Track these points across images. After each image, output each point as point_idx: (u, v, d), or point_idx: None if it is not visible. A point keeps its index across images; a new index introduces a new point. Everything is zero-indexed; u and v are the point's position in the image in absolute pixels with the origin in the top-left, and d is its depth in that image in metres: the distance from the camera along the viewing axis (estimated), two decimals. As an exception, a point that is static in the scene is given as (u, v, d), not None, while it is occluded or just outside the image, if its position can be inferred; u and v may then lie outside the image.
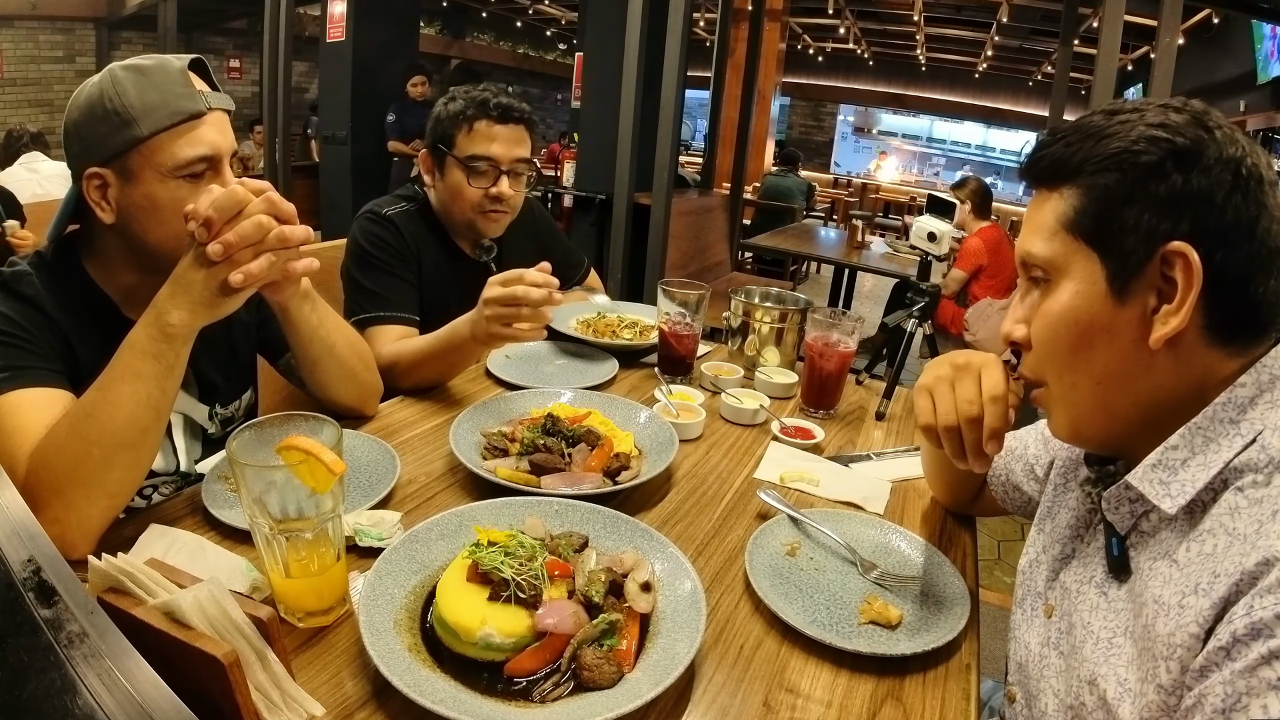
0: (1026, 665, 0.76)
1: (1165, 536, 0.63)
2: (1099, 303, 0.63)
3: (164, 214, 0.93)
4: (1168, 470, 0.62)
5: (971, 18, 9.76)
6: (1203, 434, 0.61)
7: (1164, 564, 0.61)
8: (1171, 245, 0.59)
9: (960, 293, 3.85)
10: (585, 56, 4.43)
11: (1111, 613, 0.65)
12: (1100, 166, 0.62)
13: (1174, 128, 0.60)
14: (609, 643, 0.71)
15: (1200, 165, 0.58)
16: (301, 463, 0.69)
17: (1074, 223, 0.64)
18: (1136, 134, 0.60)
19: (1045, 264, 0.66)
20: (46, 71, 8.25)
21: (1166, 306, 0.60)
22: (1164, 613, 0.58)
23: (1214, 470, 0.59)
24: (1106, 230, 0.62)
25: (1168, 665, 0.55)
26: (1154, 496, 0.62)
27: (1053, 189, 0.66)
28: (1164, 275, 0.60)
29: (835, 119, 15.80)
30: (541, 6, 12.29)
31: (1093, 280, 0.63)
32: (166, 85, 0.92)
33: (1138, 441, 0.66)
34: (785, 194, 6.66)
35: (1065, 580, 0.74)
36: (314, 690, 0.65)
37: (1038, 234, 0.66)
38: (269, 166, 5.88)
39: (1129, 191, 0.60)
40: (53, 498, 0.79)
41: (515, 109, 1.49)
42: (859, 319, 1.37)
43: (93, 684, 0.40)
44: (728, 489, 1.09)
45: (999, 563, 2.81)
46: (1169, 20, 2.79)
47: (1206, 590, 0.54)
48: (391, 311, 1.40)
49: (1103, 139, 0.62)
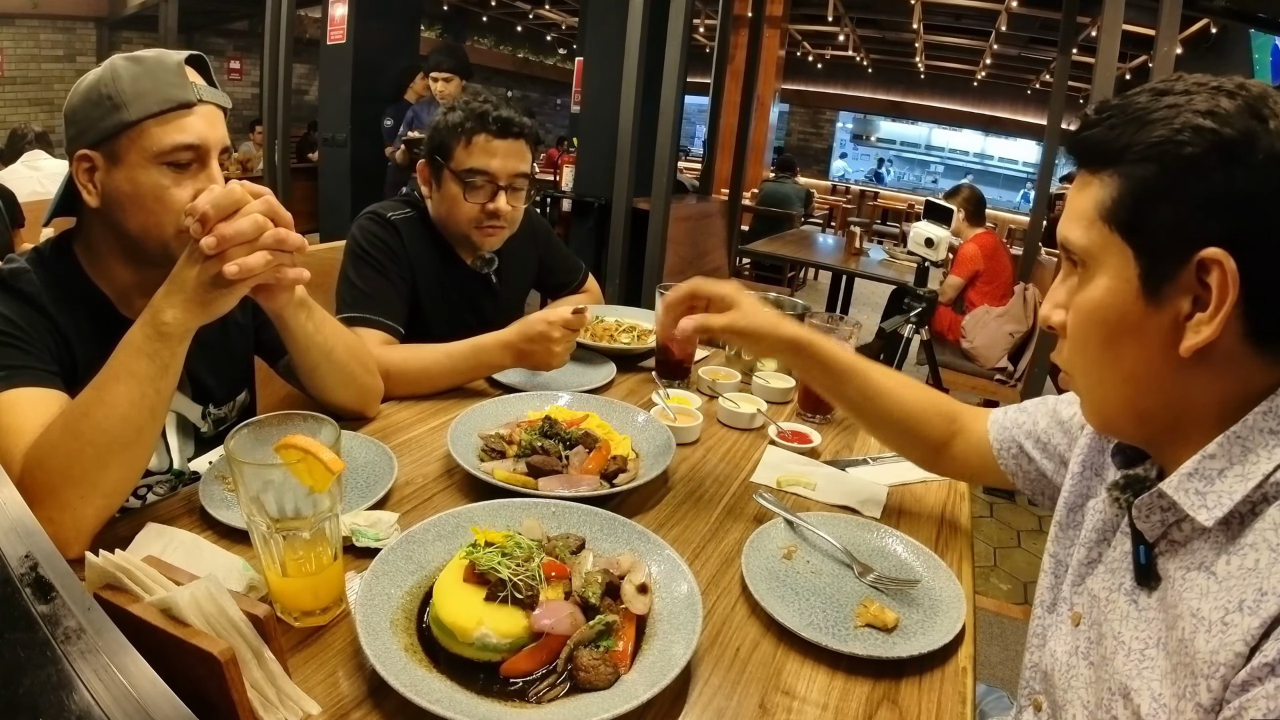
0: (1053, 674, 0.73)
1: (1199, 547, 0.59)
2: (1130, 302, 0.59)
3: (145, 200, 0.93)
4: (1204, 480, 0.58)
5: (971, 26, 9.81)
6: (1241, 443, 0.57)
7: (1200, 576, 0.58)
8: (1208, 251, 0.54)
9: (957, 299, 3.86)
10: (585, 61, 4.44)
11: (1143, 622, 0.62)
12: (1140, 156, 0.57)
13: (1223, 116, 0.54)
14: (605, 644, 0.71)
15: (1247, 161, 0.53)
16: (300, 461, 0.69)
17: (1111, 213, 0.59)
18: (1181, 121, 0.55)
19: (1082, 253, 0.62)
20: (47, 70, 8.25)
21: (1200, 314, 0.56)
22: (1204, 628, 0.55)
23: (1253, 482, 0.56)
24: (1142, 226, 0.58)
25: (1209, 684, 0.53)
26: (1189, 507, 0.58)
27: (1094, 173, 0.61)
28: (1200, 281, 0.55)
29: (834, 126, 15.85)
30: (542, 11, 12.33)
31: (1126, 277, 0.59)
32: (160, 74, 0.93)
33: (1168, 441, 0.64)
34: (783, 200, 6.68)
35: (1092, 587, 0.71)
36: (310, 689, 0.65)
37: (1077, 220, 0.62)
38: (268, 168, 5.88)
39: (1168, 186, 0.56)
40: (47, 497, 0.79)
41: (515, 123, 1.44)
42: (856, 324, 1.37)
43: (89, 680, 0.40)
44: (725, 492, 1.09)
45: (995, 569, 2.81)
46: (1167, 30, 2.80)
47: (1253, 608, 0.52)
48: (377, 315, 1.38)
49: (1146, 124, 0.57)
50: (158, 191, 0.92)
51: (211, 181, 0.95)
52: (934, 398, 1.02)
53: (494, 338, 1.34)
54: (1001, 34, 9.24)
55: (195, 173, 0.95)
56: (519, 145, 1.46)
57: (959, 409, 1.02)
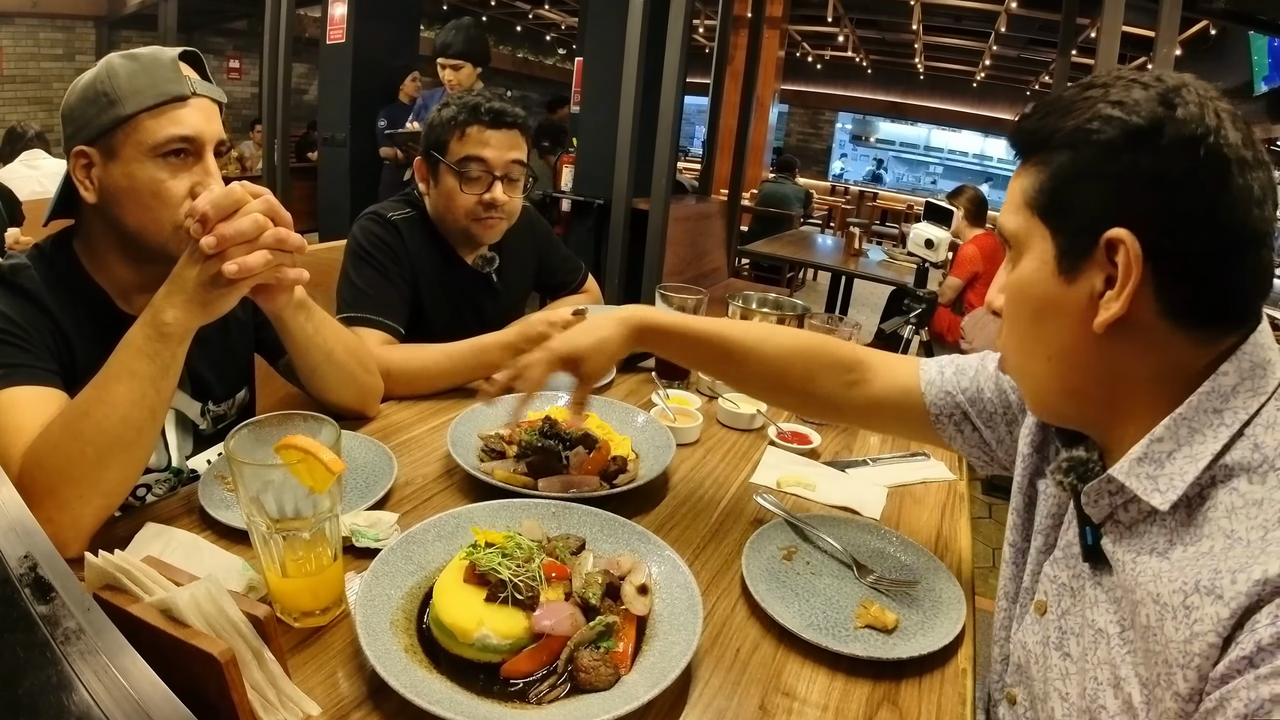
0: (1027, 666, 0.73)
1: (1146, 530, 0.61)
2: (1048, 280, 0.63)
3: (141, 194, 0.93)
4: (1154, 464, 0.60)
5: (970, 27, 9.81)
6: (1187, 424, 0.59)
7: (1153, 559, 0.59)
8: (1114, 231, 0.57)
9: (956, 300, 3.86)
10: (585, 62, 4.44)
11: (1112, 604, 0.64)
12: (1059, 143, 0.61)
13: (1131, 105, 0.57)
14: (606, 645, 0.71)
15: (1153, 145, 0.56)
16: (300, 461, 0.69)
17: (1033, 199, 0.63)
18: (1094, 110, 0.59)
19: (1011, 238, 0.67)
20: (46, 69, 8.24)
21: (1110, 292, 0.59)
22: (1170, 615, 0.56)
23: (1202, 463, 0.58)
24: (1057, 209, 0.62)
25: (1184, 674, 0.54)
26: (1143, 492, 0.60)
27: (1025, 163, 0.65)
28: (1110, 260, 0.59)
29: (833, 127, 15.85)
30: (541, 11, 12.32)
31: (1045, 259, 0.63)
32: (155, 70, 0.93)
33: (1107, 421, 0.66)
34: (783, 201, 6.69)
35: (1054, 574, 0.72)
36: (310, 690, 0.65)
37: (1010, 207, 0.67)
38: (267, 168, 5.87)
39: (1081, 170, 0.60)
40: (46, 497, 0.79)
41: (508, 113, 1.46)
42: (856, 325, 1.37)
43: (89, 681, 0.40)
44: (725, 493, 1.09)
45: (994, 570, 2.81)
46: (1166, 31, 2.81)
47: (1215, 592, 0.53)
48: (377, 316, 1.38)
49: (1068, 114, 0.61)
50: (154, 185, 0.92)
51: (208, 175, 0.95)
52: (810, 345, 0.99)
53: (494, 338, 1.35)
54: (1001, 35, 9.24)
55: (191, 165, 0.95)
56: (513, 135, 1.47)
57: (860, 355, 0.98)
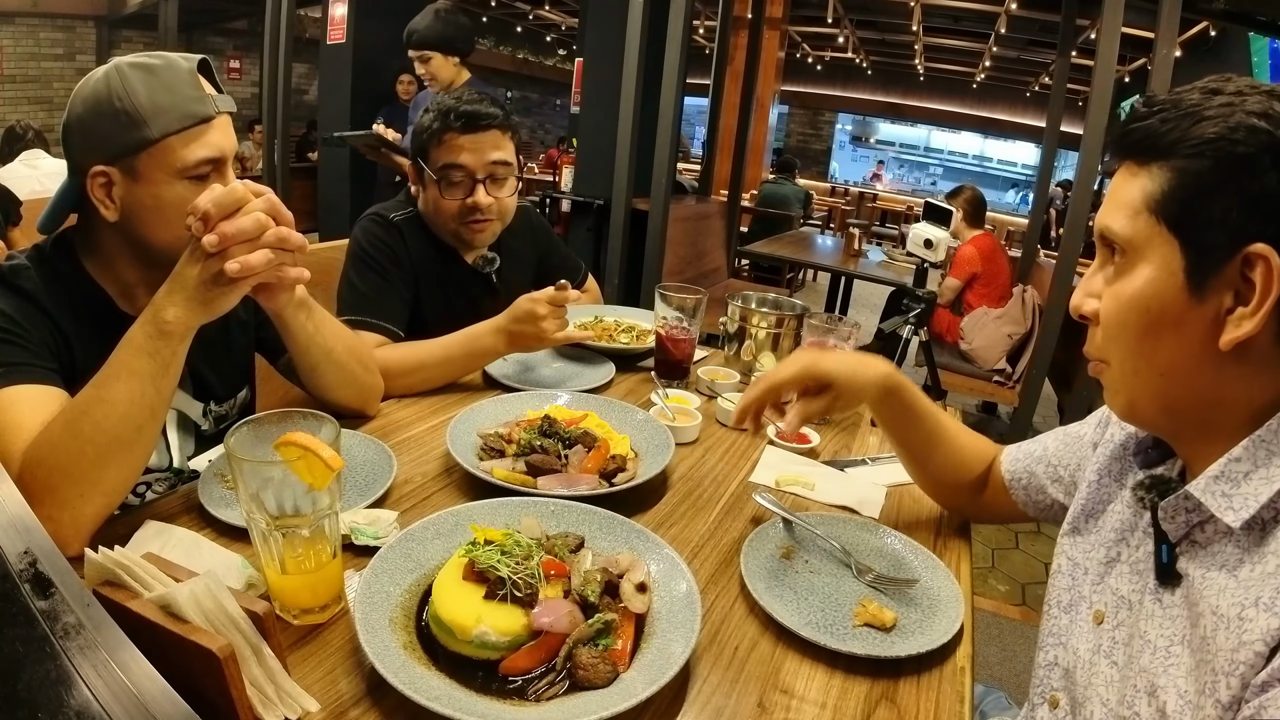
0: (1074, 672, 0.73)
1: (1221, 549, 0.61)
2: (1173, 294, 0.60)
3: (169, 214, 0.93)
4: (1230, 483, 0.60)
5: (970, 28, 9.82)
6: (1265, 447, 0.59)
7: (1221, 576, 0.59)
8: (1255, 246, 0.56)
9: (955, 301, 3.87)
10: (585, 62, 4.44)
11: (1168, 620, 0.64)
12: (1194, 151, 0.58)
13: (1276, 119, 0.56)
14: (604, 642, 0.71)
15: None
16: (299, 459, 0.69)
17: (1160, 205, 0.61)
18: (1236, 121, 0.57)
19: (1124, 243, 0.63)
20: (46, 69, 8.25)
21: (1242, 309, 0.57)
22: (1224, 625, 0.56)
23: (1276, 485, 0.58)
24: (1191, 219, 0.59)
25: (1228, 681, 0.54)
26: (1216, 509, 0.60)
27: (1142, 165, 0.63)
28: (1244, 276, 0.57)
29: (833, 127, 15.86)
30: (541, 12, 12.32)
31: (1170, 269, 0.60)
32: (177, 87, 0.92)
33: (1195, 437, 0.65)
34: (782, 202, 6.68)
35: (1116, 586, 0.72)
36: (309, 686, 0.65)
37: (1121, 210, 0.64)
38: (268, 168, 5.88)
39: (1220, 182, 0.57)
40: (46, 495, 0.79)
41: (483, 115, 1.43)
42: (855, 325, 1.37)
43: (88, 676, 0.40)
44: (723, 492, 1.10)
45: (993, 570, 2.81)
46: (1166, 32, 2.81)
47: (1273, 609, 0.53)
48: (377, 319, 1.38)
49: (1200, 121, 0.58)
50: (181, 205, 0.90)
51: (225, 185, 0.95)
52: (981, 451, 1.03)
53: (485, 324, 1.36)
54: (1001, 36, 9.25)
55: (214, 180, 0.95)
56: (490, 136, 1.45)
57: (992, 450, 1.03)
